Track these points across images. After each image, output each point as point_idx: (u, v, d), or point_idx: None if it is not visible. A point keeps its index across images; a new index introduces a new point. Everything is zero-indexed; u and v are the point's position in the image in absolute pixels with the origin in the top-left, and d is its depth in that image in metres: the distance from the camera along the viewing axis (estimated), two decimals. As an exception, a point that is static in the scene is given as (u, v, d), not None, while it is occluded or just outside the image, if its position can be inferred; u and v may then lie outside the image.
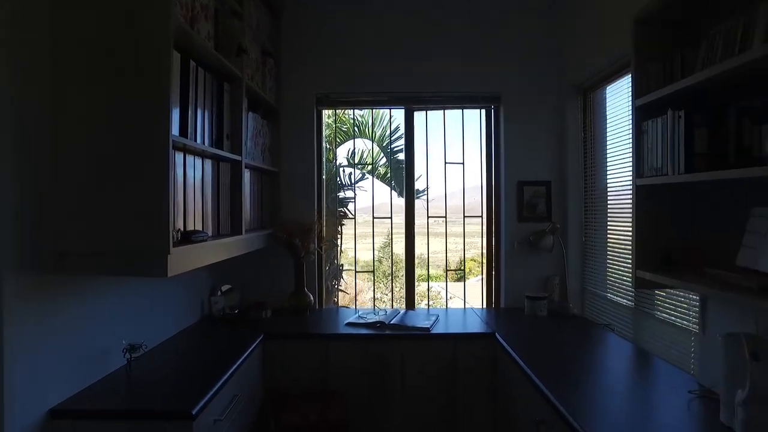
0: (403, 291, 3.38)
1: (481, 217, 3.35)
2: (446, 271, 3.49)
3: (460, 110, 3.31)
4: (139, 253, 1.55)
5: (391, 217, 3.33)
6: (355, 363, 2.54)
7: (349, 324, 2.72)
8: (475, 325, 2.79)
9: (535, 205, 3.20)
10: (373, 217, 3.31)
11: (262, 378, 2.51)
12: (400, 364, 2.54)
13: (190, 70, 1.85)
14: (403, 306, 3.36)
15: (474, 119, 3.35)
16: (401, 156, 3.57)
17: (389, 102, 3.26)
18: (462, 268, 4.06)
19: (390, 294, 3.54)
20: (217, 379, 1.85)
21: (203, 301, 2.84)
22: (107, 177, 1.56)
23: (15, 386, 1.45)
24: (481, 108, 3.31)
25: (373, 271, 3.36)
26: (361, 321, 2.74)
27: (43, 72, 1.54)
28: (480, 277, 3.40)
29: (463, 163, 3.32)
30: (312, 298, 3.00)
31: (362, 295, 4.57)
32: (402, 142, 3.40)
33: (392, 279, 3.42)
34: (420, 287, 3.87)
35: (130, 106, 1.56)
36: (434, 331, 2.62)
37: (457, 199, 3.36)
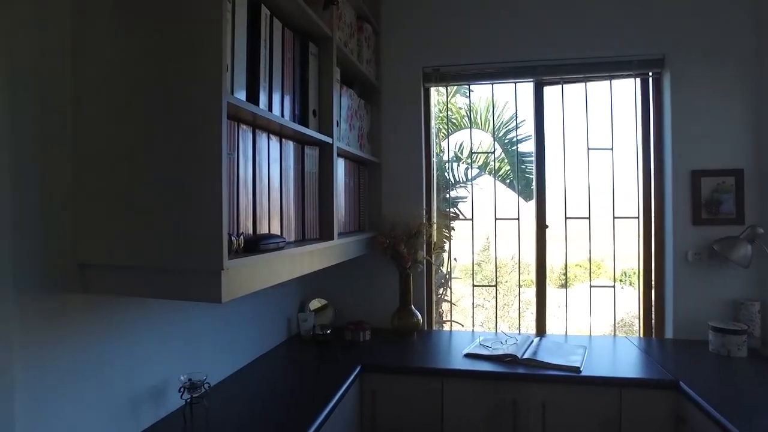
0: (499, 302, 2.69)
1: (637, 218, 2.56)
2: (589, 286, 2.74)
3: (608, 81, 2.56)
4: (182, 268, 1.07)
5: (518, 218, 2.66)
6: (478, 409, 1.93)
7: (469, 355, 2.11)
8: (641, 365, 2.02)
9: (718, 202, 2.35)
10: (496, 218, 2.65)
11: (359, 426, 1.99)
12: (540, 416, 1.88)
13: (262, 19, 1.37)
14: (528, 330, 2.67)
15: (625, 92, 2.58)
16: (521, 147, 2.92)
17: (514, 74, 2.59)
18: (563, 276, 3.28)
19: (492, 304, 2.88)
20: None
21: (290, 318, 2.40)
22: (138, 160, 1.10)
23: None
24: (636, 76, 2.52)
25: (496, 285, 2.71)
26: (485, 352, 2.11)
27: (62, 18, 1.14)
28: (582, 285, 2.62)
29: (612, 149, 2.56)
30: (420, 317, 2.44)
31: (462, 302, 3.95)
32: (524, 131, 2.74)
33: (519, 293, 2.76)
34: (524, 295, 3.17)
35: (168, 60, 1.09)
36: (586, 372, 1.92)
37: (602, 196, 2.61)
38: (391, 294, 2.53)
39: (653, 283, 2.52)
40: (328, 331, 2.29)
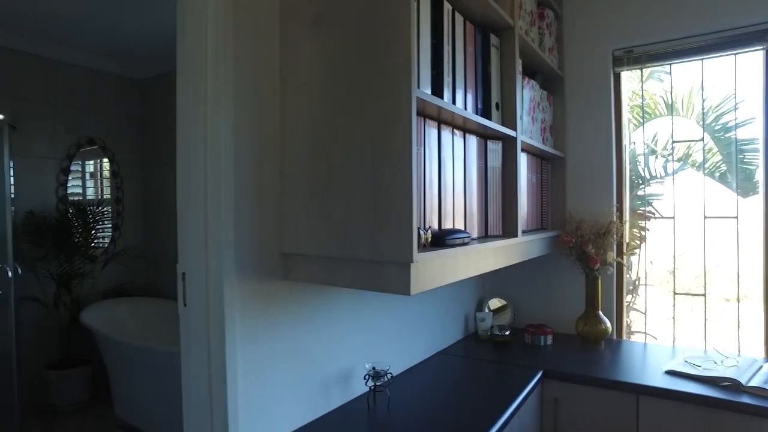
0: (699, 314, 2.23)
1: None
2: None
3: None
4: (373, 260, 1.13)
5: (737, 217, 2.23)
6: (686, 438, 1.67)
7: (672, 373, 1.84)
8: None
9: None
10: (705, 217, 2.27)
11: (541, 434, 1.88)
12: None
13: (445, 14, 1.37)
14: (755, 351, 2.22)
15: None
16: (740, 134, 2.44)
17: (733, 44, 2.17)
18: None
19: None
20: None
21: (467, 316, 2.38)
22: (334, 158, 1.20)
23: (242, 412, 1.21)
24: None
25: (705, 294, 2.32)
26: (693, 371, 1.81)
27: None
28: None
29: None
30: (609, 324, 2.21)
31: (653, 312, 3.43)
32: (741, 114, 2.29)
33: (738, 306, 2.31)
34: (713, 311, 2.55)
35: (360, 61, 1.15)
36: None
37: None
38: (574, 297, 2.34)
39: None
40: (507, 332, 2.21)
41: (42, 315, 3.53)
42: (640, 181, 2.58)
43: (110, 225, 4.02)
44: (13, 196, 3.10)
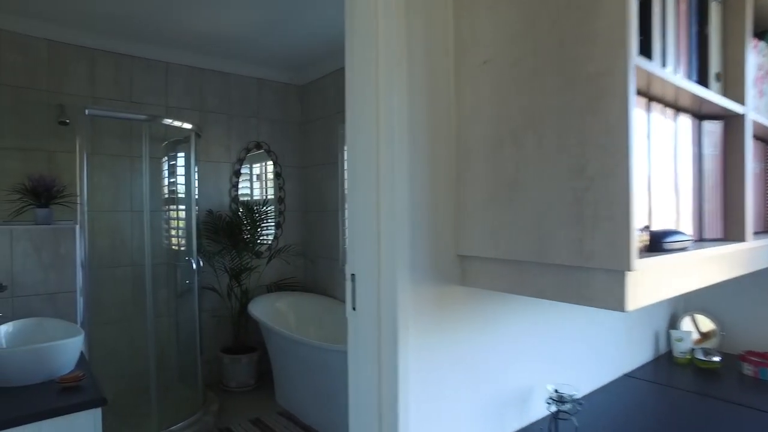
0: None
1: None
2: None
3: None
4: (574, 266, 0.91)
5: None
6: None
7: None
8: None
9: None
10: None
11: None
12: None
13: (658, -35, 1.11)
14: None
15: None
16: None
17: None
18: None
19: None
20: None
21: (657, 333, 2.01)
22: (523, 144, 1.00)
23: (413, 427, 1.10)
24: None
25: None
26: None
27: None
28: None
29: None
30: None
31: None
32: None
33: None
34: None
35: (556, 27, 0.95)
36: None
37: None
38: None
39: None
40: (717, 358, 1.80)
41: (218, 304, 3.92)
42: None
43: (273, 223, 4.32)
44: (197, 197, 3.47)
